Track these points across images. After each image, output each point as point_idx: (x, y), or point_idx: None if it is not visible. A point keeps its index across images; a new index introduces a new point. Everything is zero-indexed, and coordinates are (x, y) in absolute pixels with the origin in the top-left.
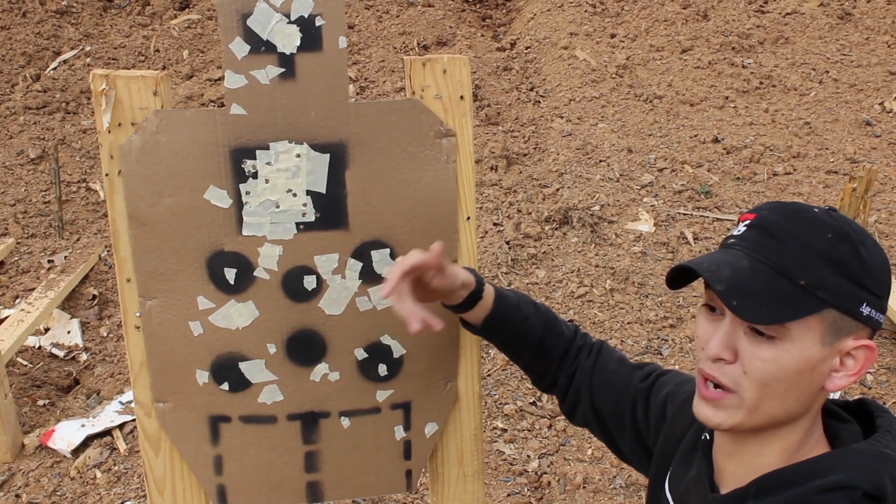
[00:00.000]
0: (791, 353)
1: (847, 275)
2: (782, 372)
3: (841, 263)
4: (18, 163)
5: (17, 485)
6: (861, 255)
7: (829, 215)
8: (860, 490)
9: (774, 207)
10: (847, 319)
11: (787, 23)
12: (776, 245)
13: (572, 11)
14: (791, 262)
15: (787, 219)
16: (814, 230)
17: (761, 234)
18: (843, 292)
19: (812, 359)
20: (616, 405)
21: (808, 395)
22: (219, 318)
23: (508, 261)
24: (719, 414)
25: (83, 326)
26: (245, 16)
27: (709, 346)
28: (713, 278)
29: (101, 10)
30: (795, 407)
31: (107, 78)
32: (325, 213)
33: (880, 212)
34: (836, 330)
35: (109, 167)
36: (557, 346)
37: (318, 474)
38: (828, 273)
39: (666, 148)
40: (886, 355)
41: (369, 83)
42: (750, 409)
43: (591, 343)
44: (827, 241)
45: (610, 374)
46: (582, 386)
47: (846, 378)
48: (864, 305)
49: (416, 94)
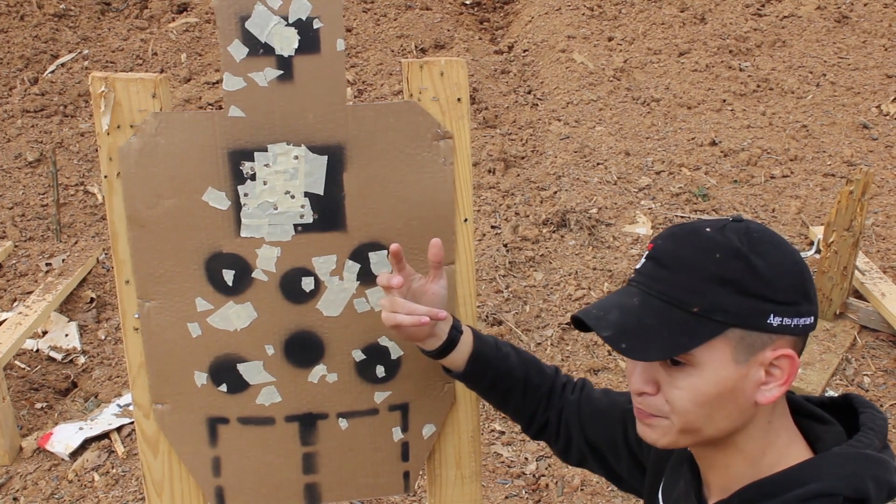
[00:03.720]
0: (704, 377)
1: (742, 291)
2: (701, 397)
3: (734, 281)
4: (16, 166)
5: (15, 488)
6: (755, 267)
7: (722, 232)
8: (841, 496)
9: (668, 235)
10: (755, 335)
11: (785, 26)
12: (668, 275)
13: (570, 14)
14: (682, 290)
15: (678, 245)
16: (703, 252)
17: (655, 265)
18: (742, 310)
19: (728, 379)
20: (608, 431)
21: (739, 412)
22: (217, 320)
23: (506, 263)
24: (654, 432)
25: (81, 329)
26: (243, 18)
27: (631, 382)
28: (599, 326)
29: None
30: (729, 424)
31: (106, 80)
32: (323, 215)
33: (877, 214)
34: (746, 347)
35: (108, 169)
36: (542, 383)
37: (316, 476)
38: (722, 294)
39: (663, 151)
40: (883, 357)
41: (367, 86)
42: (680, 431)
43: (573, 380)
44: (716, 262)
45: (596, 403)
46: (572, 421)
47: (777, 389)
48: (771, 317)
49: (414, 97)
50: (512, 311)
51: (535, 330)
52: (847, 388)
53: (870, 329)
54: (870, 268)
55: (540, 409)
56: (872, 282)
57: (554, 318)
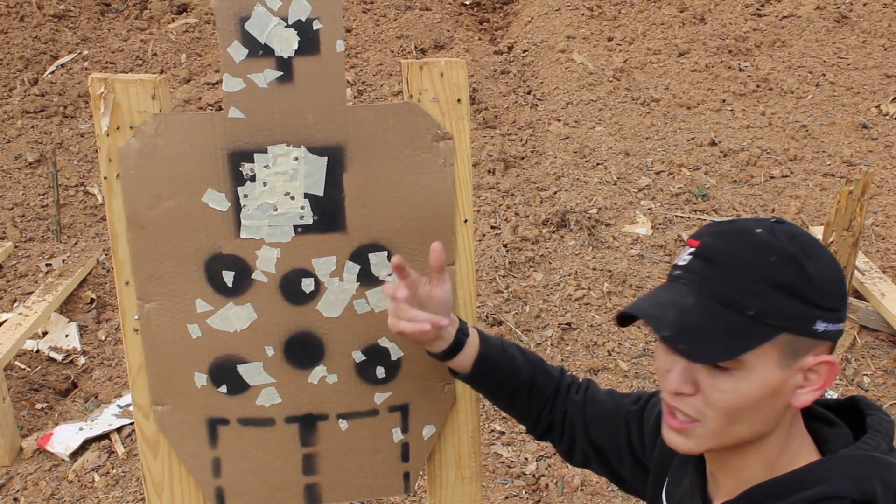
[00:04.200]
0: (750, 381)
1: (796, 296)
2: (744, 401)
3: (789, 286)
4: (16, 167)
5: (16, 488)
6: (808, 273)
7: (773, 234)
8: (848, 499)
9: (717, 232)
10: (802, 339)
11: (784, 26)
12: (721, 276)
13: (569, 15)
14: (737, 292)
15: (730, 245)
16: (758, 255)
17: (706, 264)
18: (794, 315)
19: (772, 384)
20: (611, 433)
21: (775, 415)
22: (217, 321)
23: (506, 264)
24: (687, 441)
25: (81, 330)
26: (243, 19)
27: (668, 382)
28: (658, 324)
29: (98, 14)
30: (763, 427)
31: (105, 81)
32: (323, 216)
33: (877, 214)
34: (792, 352)
35: (108, 170)
36: (548, 385)
37: (316, 477)
38: (776, 298)
39: (663, 151)
40: (883, 357)
41: (367, 87)
42: (716, 436)
43: (579, 381)
44: (771, 266)
45: (601, 404)
46: (576, 421)
47: (811, 394)
48: (818, 322)
49: (414, 98)
50: (512, 312)
51: (535, 330)
52: (847, 388)
53: (869, 329)
54: (869, 268)
55: (545, 410)
56: (872, 282)
57: (554, 319)
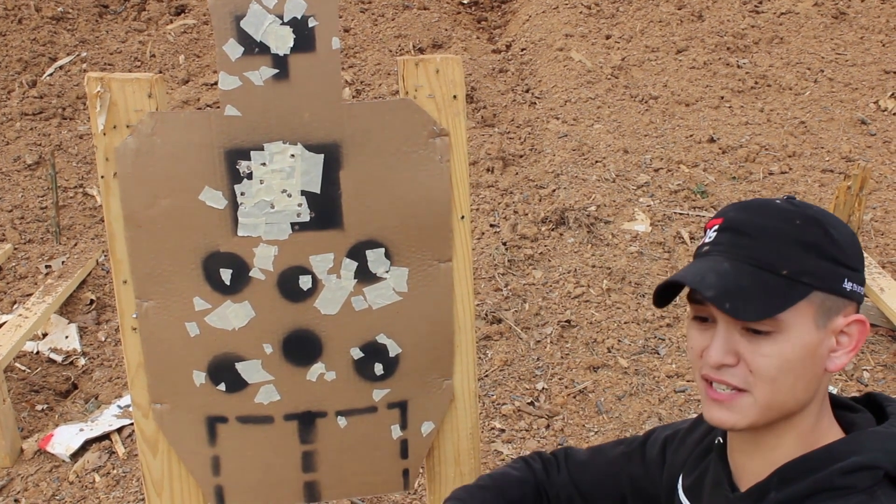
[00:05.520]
0: (791, 343)
1: (824, 255)
2: (787, 364)
3: (816, 246)
4: (15, 168)
5: (17, 489)
6: (831, 234)
7: (791, 203)
8: (882, 470)
9: (739, 207)
10: (834, 298)
11: (782, 22)
12: (751, 242)
13: (567, 13)
14: (769, 254)
15: (754, 215)
16: (782, 219)
17: (734, 234)
18: (824, 273)
19: (811, 344)
20: (611, 487)
21: (815, 380)
22: (215, 319)
23: (505, 262)
24: (733, 416)
25: (81, 331)
26: (238, 17)
27: (709, 355)
28: (702, 286)
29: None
30: (804, 395)
31: (101, 80)
32: (320, 214)
33: (875, 210)
34: (825, 311)
35: (105, 169)
36: (525, 492)
37: (315, 474)
38: (806, 258)
39: (662, 148)
40: (882, 352)
41: (365, 86)
42: (763, 407)
43: (552, 458)
44: (797, 228)
45: (589, 470)
46: (572, 497)
47: (845, 355)
48: (845, 281)
49: (410, 94)
50: (511, 310)
51: (535, 328)
52: (846, 382)
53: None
54: (868, 263)
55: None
56: (871, 277)
57: (553, 316)
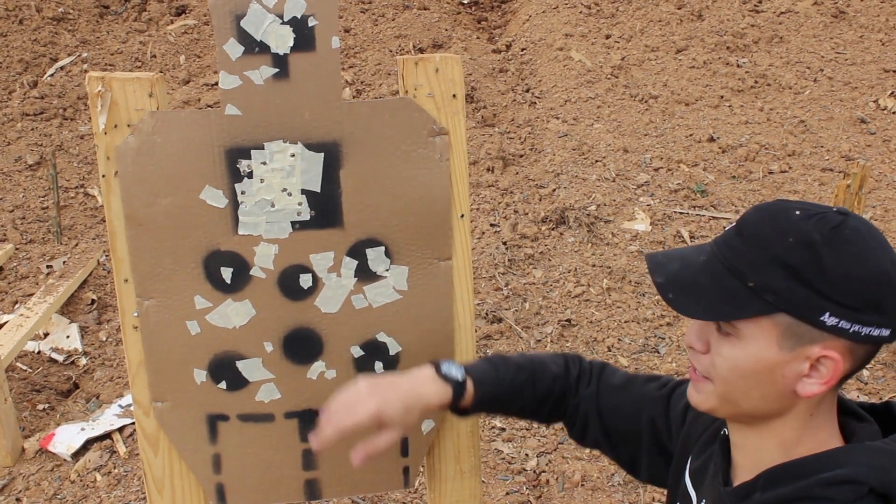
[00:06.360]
0: (746, 352)
1: (802, 281)
2: (738, 370)
3: (796, 270)
4: (16, 169)
5: (18, 489)
6: (822, 261)
7: (808, 220)
8: (866, 486)
9: (760, 207)
10: (805, 326)
11: (782, 22)
12: (740, 245)
13: (567, 13)
14: (744, 263)
15: (761, 220)
16: (778, 234)
17: (735, 233)
18: (796, 299)
19: (768, 361)
20: (630, 422)
21: (776, 397)
22: (216, 318)
23: (505, 261)
24: (698, 396)
25: (82, 331)
26: (238, 17)
27: (686, 335)
28: (657, 270)
29: (97, 16)
30: (764, 405)
31: (103, 80)
32: (320, 212)
33: (875, 208)
34: (794, 335)
35: (106, 168)
36: (553, 389)
37: (316, 472)
38: (779, 278)
39: (662, 147)
40: (882, 350)
41: (366, 86)
42: (721, 398)
43: (589, 368)
44: (785, 246)
45: (617, 394)
46: (589, 413)
47: (817, 386)
48: (826, 315)
49: (409, 93)
50: (511, 309)
51: (535, 327)
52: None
53: None
54: None
55: (556, 410)
56: None
57: (553, 315)
